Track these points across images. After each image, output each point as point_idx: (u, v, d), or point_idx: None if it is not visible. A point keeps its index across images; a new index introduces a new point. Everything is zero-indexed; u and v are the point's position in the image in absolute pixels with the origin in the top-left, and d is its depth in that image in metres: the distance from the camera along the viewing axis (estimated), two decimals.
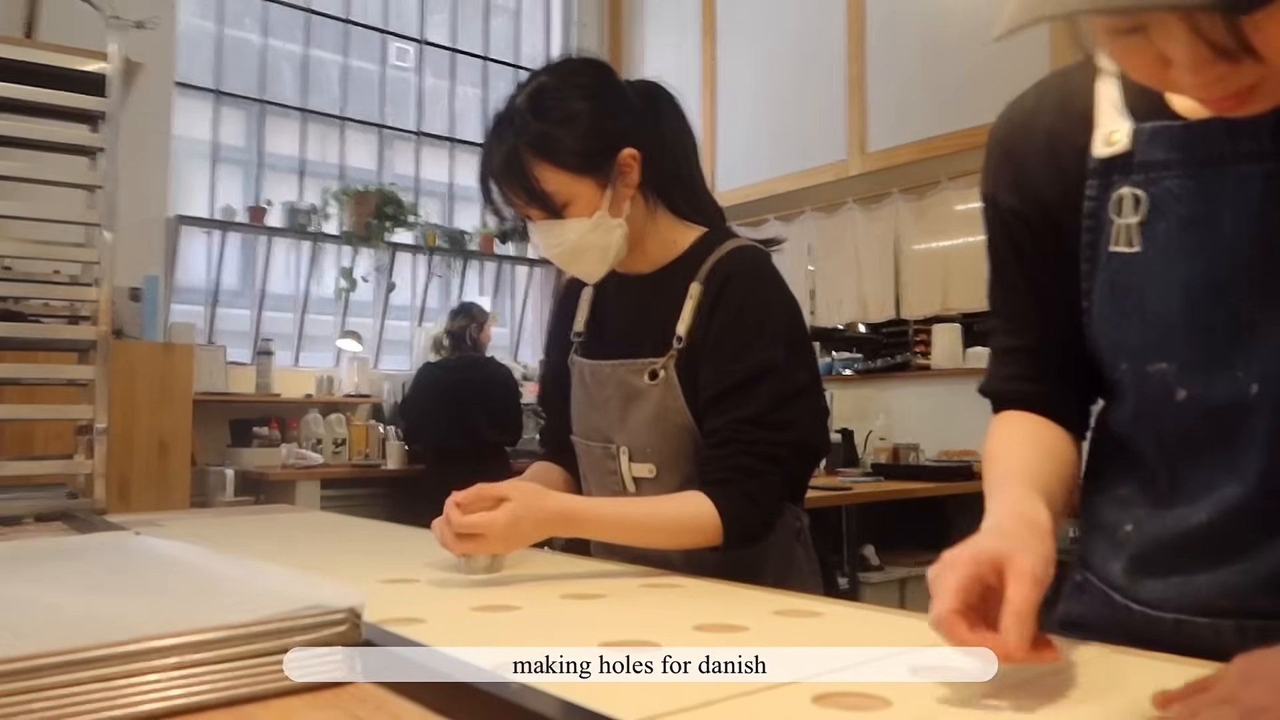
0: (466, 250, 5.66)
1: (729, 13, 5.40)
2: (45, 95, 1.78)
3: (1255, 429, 0.71)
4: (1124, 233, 0.76)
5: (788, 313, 1.22)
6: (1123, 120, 0.77)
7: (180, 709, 0.57)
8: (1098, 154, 0.77)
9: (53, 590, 0.77)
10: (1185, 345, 0.74)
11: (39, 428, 2.90)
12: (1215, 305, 0.72)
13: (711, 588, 1.02)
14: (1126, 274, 0.76)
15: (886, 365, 5.19)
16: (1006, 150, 0.86)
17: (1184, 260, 0.73)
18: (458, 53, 5.97)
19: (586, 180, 1.18)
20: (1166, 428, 0.78)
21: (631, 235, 1.23)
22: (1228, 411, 0.73)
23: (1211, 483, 0.75)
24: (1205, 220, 0.72)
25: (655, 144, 1.24)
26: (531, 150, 1.16)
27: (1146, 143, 0.75)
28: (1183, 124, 0.74)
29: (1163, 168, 0.74)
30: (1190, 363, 0.74)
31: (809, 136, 4.86)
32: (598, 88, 1.21)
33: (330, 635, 0.64)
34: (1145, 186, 0.75)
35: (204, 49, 5.06)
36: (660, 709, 0.56)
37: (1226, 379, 0.72)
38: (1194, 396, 0.74)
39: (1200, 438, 0.75)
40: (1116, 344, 0.79)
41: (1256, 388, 0.71)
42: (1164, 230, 0.74)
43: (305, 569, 0.85)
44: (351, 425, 4.84)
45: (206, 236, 4.94)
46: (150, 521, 1.59)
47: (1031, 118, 0.84)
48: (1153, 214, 0.74)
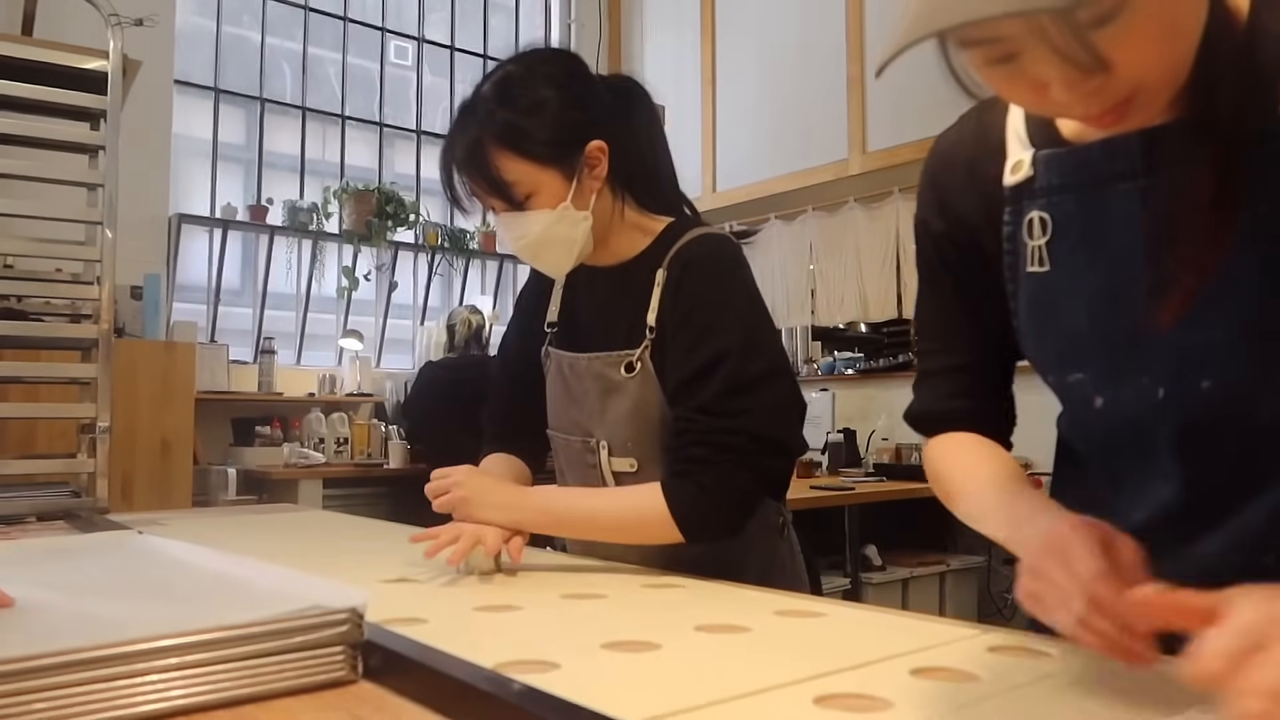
0: (468, 249, 5.66)
1: (729, 12, 5.39)
2: (45, 93, 1.78)
3: (1165, 432, 0.76)
4: (1036, 253, 0.80)
5: (747, 300, 1.19)
6: (1025, 149, 0.82)
7: (181, 709, 0.57)
8: (1007, 182, 0.82)
9: (54, 590, 0.77)
10: (1095, 355, 0.79)
11: (41, 426, 2.90)
12: (1116, 316, 0.76)
13: (713, 588, 1.02)
14: (1041, 291, 0.81)
15: (888, 365, 5.19)
16: (934, 180, 0.92)
17: (1085, 276, 0.77)
18: (457, 51, 5.97)
19: (551, 171, 1.15)
20: (1093, 434, 0.84)
21: (598, 228, 1.20)
22: (1141, 416, 0.77)
23: (1145, 484, 0.79)
24: (1097, 237, 0.77)
25: (624, 137, 1.21)
26: (495, 140, 1.14)
27: (1044, 169, 0.80)
28: (1068, 149, 0.78)
29: (1059, 191, 0.79)
30: (1101, 371, 0.79)
31: (809, 135, 4.86)
32: (565, 78, 1.19)
33: (332, 635, 0.64)
34: (1048, 210, 0.79)
35: (203, 47, 5.06)
36: (661, 709, 0.56)
37: (1135, 385, 0.76)
38: (1109, 403, 0.79)
39: (1123, 442, 0.80)
40: (1041, 357, 0.84)
41: (1163, 392, 0.75)
42: (1066, 249, 0.79)
43: (307, 569, 0.85)
44: (354, 424, 4.84)
45: (207, 235, 4.94)
46: (152, 520, 1.59)
47: (953, 150, 0.90)
48: (1056, 234, 0.79)
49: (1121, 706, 0.58)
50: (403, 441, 4.67)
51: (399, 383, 5.02)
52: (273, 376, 4.81)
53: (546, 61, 1.20)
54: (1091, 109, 0.65)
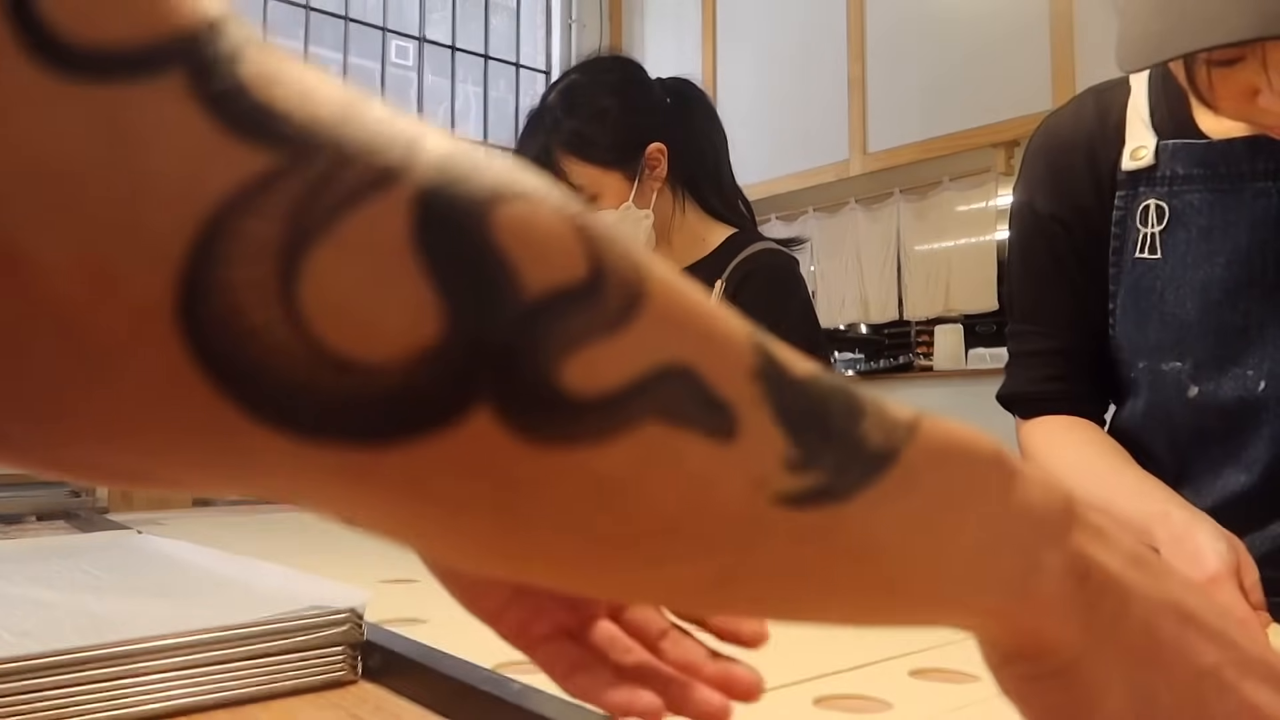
0: None
1: (729, 13, 5.39)
2: None
3: (1261, 424, 0.78)
4: (1147, 240, 0.82)
5: (802, 314, 1.26)
6: (1149, 136, 0.83)
7: (181, 709, 0.57)
8: (1125, 167, 0.84)
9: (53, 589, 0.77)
10: (1198, 345, 0.81)
11: None
12: (1227, 309, 0.79)
13: None
14: (1149, 278, 0.83)
15: (889, 366, 5.19)
16: (1048, 160, 0.91)
17: (1200, 267, 0.80)
18: (458, 51, 5.97)
19: (615, 174, 1.22)
20: (1179, 423, 0.85)
21: (659, 227, 1.27)
22: (1236, 407, 0.79)
23: (1218, 474, 0.82)
24: (1222, 230, 0.79)
25: (683, 139, 1.28)
26: (562, 146, 1.21)
27: (1170, 158, 0.81)
28: (1206, 142, 0.80)
29: (1184, 181, 0.81)
30: (1203, 361, 0.81)
31: (810, 136, 4.86)
32: (625, 84, 1.26)
33: (331, 635, 0.64)
34: (1167, 199, 0.81)
35: None
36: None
37: (1235, 377, 0.79)
38: (1205, 393, 0.81)
39: (1210, 432, 0.82)
40: (1137, 344, 0.85)
41: (1264, 385, 0.77)
42: (1184, 239, 0.80)
43: (307, 569, 0.85)
44: None
45: None
46: (152, 520, 1.59)
47: (1072, 130, 0.90)
48: (1173, 223, 0.81)
49: None
50: None
51: None
52: None
53: (607, 70, 1.29)
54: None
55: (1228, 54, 0.66)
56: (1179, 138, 0.82)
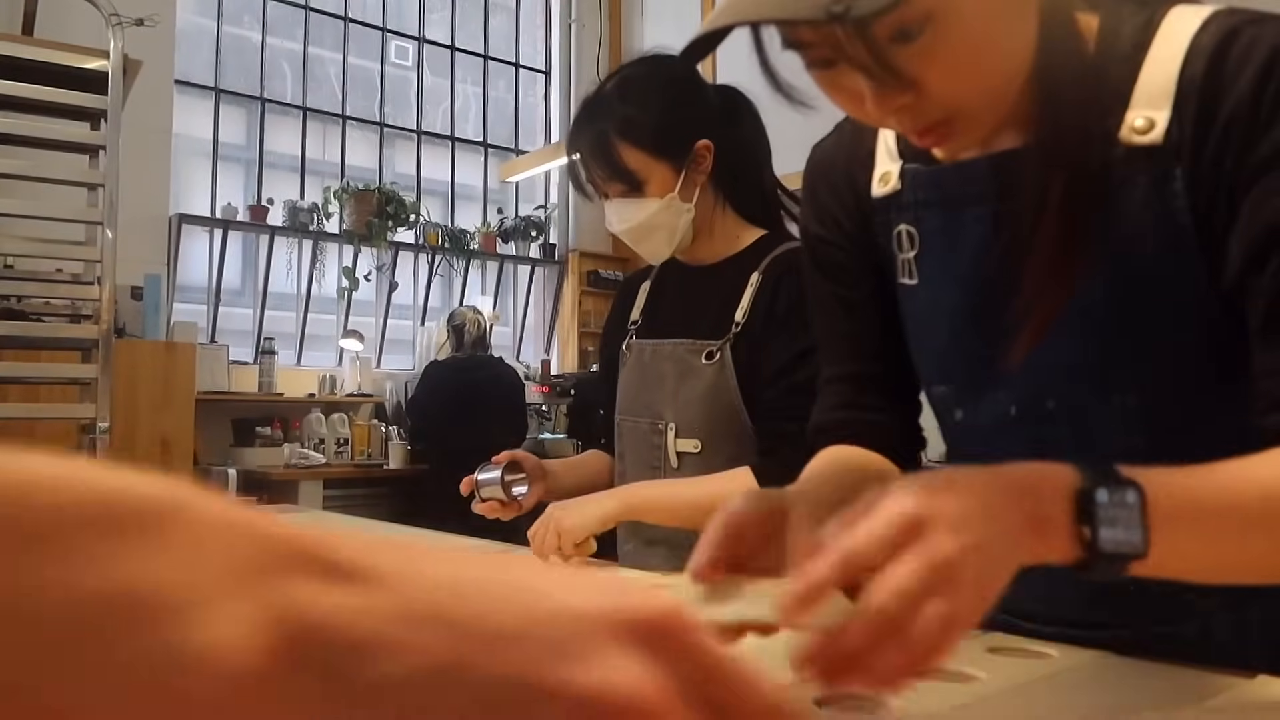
0: (468, 249, 5.66)
1: None
2: (46, 93, 1.78)
3: (1017, 449, 0.73)
4: (905, 266, 0.80)
5: None
6: (893, 161, 0.80)
7: None
8: (875, 193, 0.81)
9: None
10: (954, 370, 0.80)
11: (41, 427, 2.89)
12: (971, 335, 0.76)
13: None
14: (911, 304, 0.81)
15: None
16: (811, 187, 0.91)
17: (945, 292, 0.77)
18: (457, 51, 5.97)
19: (663, 163, 1.28)
20: (957, 445, 0.84)
21: (697, 223, 1.32)
22: (995, 432, 0.77)
23: None
24: (954, 256, 0.76)
25: (729, 141, 1.33)
26: (617, 131, 1.27)
27: (910, 183, 0.79)
28: (930, 168, 0.77)
29: (924, 206, 0.78)
30: (961, 386, 0.79)
31: (811, 136, 4.85)
32: (679, 80, 1.32)
33: None
34: (914, 224, 0.78)
35: (204, 47, 5.06)
36: None
37: (990, 401, 0.77)
38: (968, 416, 0.79)
39: (974, 456, 0.79)
40: (917, 366, 0.84)
41: (1015, 410, 0.75)
42: (930, 264, 0.78)
43: None
44: (354, 425, 4.84)
45: (208, 235, 4.94)
46: None
47: (830, 157, 0.89)
48: (922, 249, 0.78)
49: (1121, 706, 0.58)
50: (403, 442, 4.67)
51: (399, 383, 5.02)
52: (273, 377, 4.81)
53: (662, 65, 1.35)
54: (905, 126, 0.65)
55: (819, 54, 0.62)
56: (915, 161, 0.78)
